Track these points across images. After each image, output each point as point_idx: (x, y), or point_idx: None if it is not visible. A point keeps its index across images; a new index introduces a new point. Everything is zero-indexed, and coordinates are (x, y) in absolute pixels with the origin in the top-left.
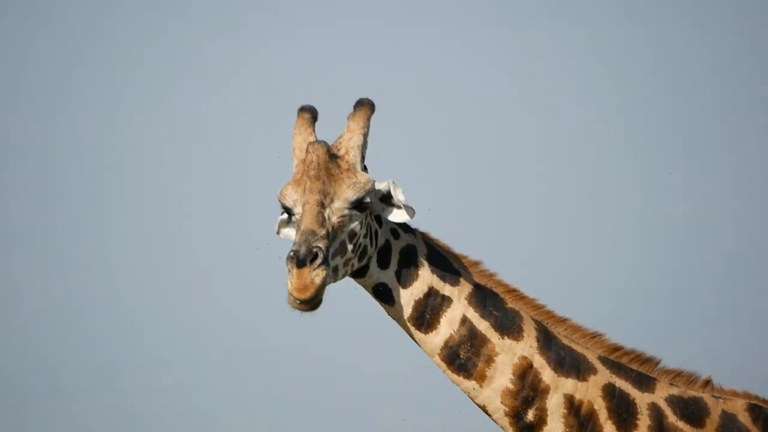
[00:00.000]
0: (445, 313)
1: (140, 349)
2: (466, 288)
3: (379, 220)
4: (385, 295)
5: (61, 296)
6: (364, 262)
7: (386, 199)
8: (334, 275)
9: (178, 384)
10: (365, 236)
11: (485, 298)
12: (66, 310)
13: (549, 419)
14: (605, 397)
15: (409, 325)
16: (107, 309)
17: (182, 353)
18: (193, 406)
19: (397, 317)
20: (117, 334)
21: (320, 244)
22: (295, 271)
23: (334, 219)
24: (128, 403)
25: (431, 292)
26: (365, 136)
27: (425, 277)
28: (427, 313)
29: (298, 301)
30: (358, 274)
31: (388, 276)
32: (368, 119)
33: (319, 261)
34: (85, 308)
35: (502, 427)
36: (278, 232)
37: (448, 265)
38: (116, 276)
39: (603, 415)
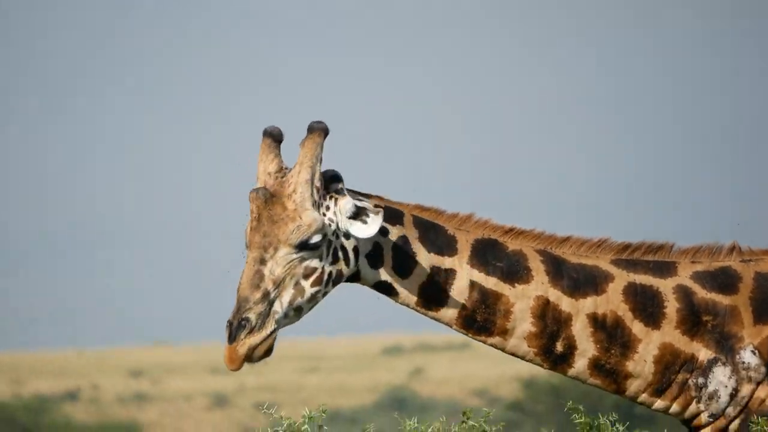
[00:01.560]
0: (452, 287)
1: None
2: (465, 251)
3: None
4: (387, 290)
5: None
6: (345, 277)
7: (357, 213)
8: (295, 316)
9: None
10: (332, 263)
11: (486, 252)
12: None
13: (578, 343)
14: (627, 299)
15: (419, 308)
16: None
17: None
18: None
19: (406, 304)
20: None
21: (250, 314)
22: (225, 344)
23: (278, 270)
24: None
25: (433, 272)
26: (314, 167)
27: (424, 260)
28: (434, 293)
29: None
30: (352, 280)
31: (385, 273)
32: (319, 147)
33: (243, 333)
34: None
35: (534, 364)
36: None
37: (443, 234)
38: None
39: (628, 317)
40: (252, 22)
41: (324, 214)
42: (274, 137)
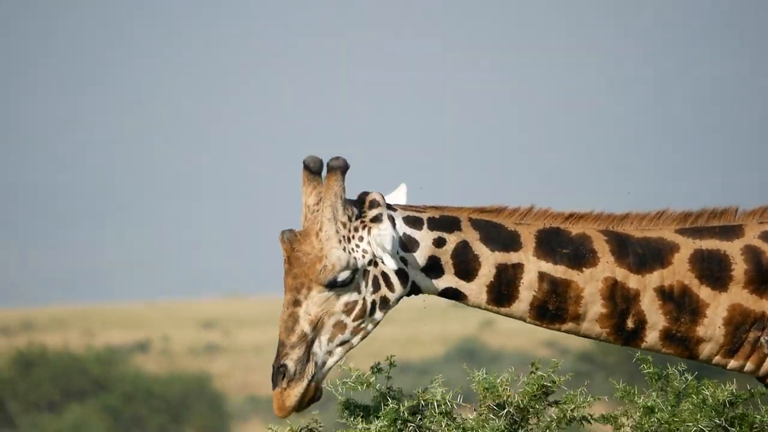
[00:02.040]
0: (521, 281)
1: None
2: (529, 244)
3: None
4: (453, 296)
5: None
6: (395, 301)
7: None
8: (344, 350)
9: None
10: (374, 292)
11: (550, 241)
12: None
13: (648, 317)
14: (693, 267)
15: (490, 307)
16: None
17: None
18: None
19: (477, 305)
20: None
21: (287, 361)
22: (273, 391)
23: (314, 310)
24: None
25: (500, 269)
26: (334, 205)
27: (488, 259)
28: (504, 290)
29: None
30: (414, 293)
31: (448, 281)
32: (337, 184)
33: (284, 382)
34: None
35: (607, 343)
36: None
37: (504, 231)
38: None
39: (695, 284)
40: None
41: (357, 247)
42: (311, 169)
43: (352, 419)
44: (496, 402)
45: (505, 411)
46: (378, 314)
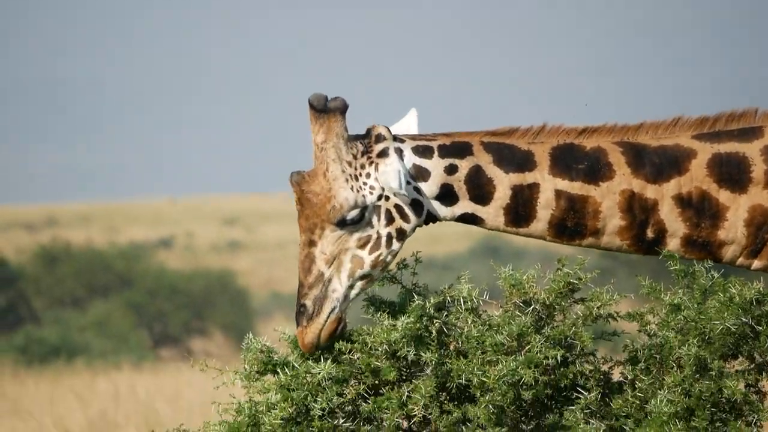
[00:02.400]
0: (538, 201)
1: None
2: (544, 162)
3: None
4: (471, 221)
5: None
6: (411, 230)
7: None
8: (367, 284)
9: None
10: (387, 224)
11: (565, 157)
12: None
13: (668, 225)
14: (711, 172)
15: (509, 228)
16: None
17: None
18: None
19: (495, 228)
20: None
21: (306, 300)
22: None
23: (329, 249)
24: None
25: (515, 190)
26: (337, 145)
27: (503, 182)
28: (521, 211)
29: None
30: (431, 222)
31: (464, 207)
32: (340, 124)
33: (304, 320)
34: None
35: (629, 253)
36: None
37: (517, 151)
38: None
39: (713, 189)
40: None
41: (365, 184)
42: (316, 108)
43: (377, 315)
44: (522, 299)
45: (531, 308)
46: (395, 245)
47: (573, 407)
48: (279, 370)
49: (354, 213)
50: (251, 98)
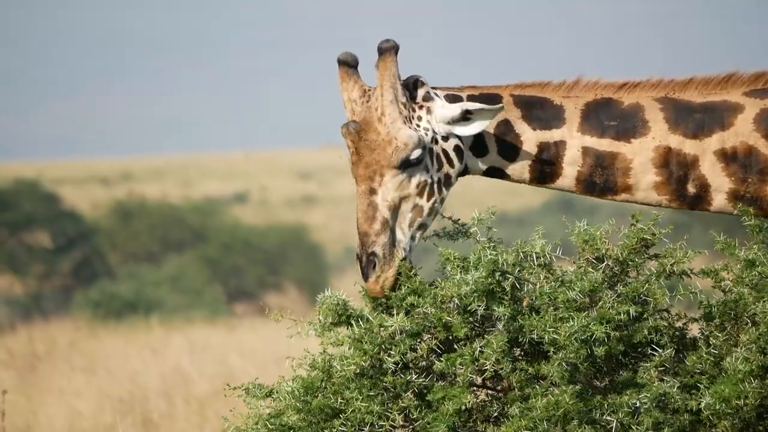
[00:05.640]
0: (564, 158)
1: None
2: (574, 119)
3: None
4: (497, 174)
5: None
6: (455, 177)
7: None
8: (422, 233)
9: None
10: (438, 169)
11: (598, 113)
12: None
13: (711, 180)
14: (758, 126)
15: (534, 184)
16: None
17: None
18: None
19: (519, 182)
20: None
21: (375, 249)
22: (363, 283)
23: (390, 195)
24: None
25: (542, 148)
26: (394, 86)
27: (530, 138)
28: (546, 168)
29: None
30: (462, 174)
31: (492, 160)
32: (393, 65)
33: (378, 269)
34: None
35: (672, 209)
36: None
37: (549, 106)
38: None
39: (761, 144)
40: None
41: (418, 126)
42: (349, 64)
43: (450, 269)
44: (595, 255)
45: (604, 264)
46: (445, 192)
47: (647, 364)
48: (353, 322)
49: (417, 152)
50: (326, 52)
